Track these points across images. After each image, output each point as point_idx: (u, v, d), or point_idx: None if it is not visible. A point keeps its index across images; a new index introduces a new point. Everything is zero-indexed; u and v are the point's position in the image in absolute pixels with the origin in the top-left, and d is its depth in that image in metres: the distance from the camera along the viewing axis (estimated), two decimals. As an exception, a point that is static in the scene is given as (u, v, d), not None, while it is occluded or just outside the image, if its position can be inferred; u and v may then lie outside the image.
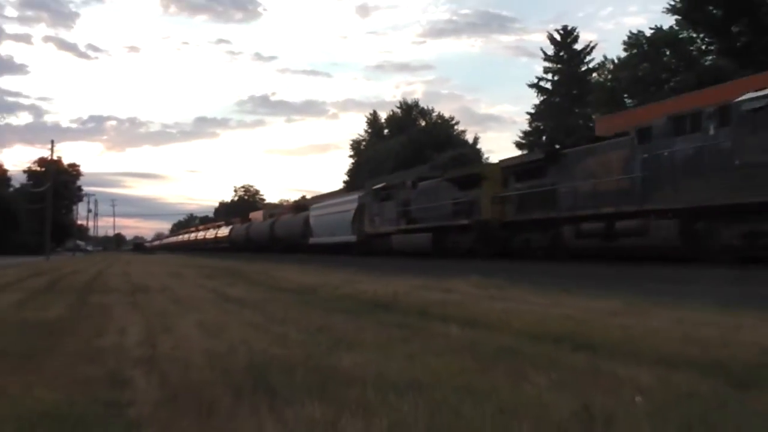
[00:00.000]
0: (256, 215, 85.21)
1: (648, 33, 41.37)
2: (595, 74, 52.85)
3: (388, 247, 32.60)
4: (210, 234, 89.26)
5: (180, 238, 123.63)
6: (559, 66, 55.42)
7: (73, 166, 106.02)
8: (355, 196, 40.71)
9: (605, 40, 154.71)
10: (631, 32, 44.71)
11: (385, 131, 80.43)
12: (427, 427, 3.15)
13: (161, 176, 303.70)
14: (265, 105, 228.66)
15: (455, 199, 27.30)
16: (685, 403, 3.61)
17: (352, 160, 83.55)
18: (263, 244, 58.68)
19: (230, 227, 79.86)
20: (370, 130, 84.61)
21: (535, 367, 4.55)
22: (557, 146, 28.49)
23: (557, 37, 56.04)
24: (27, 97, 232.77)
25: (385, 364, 4.77)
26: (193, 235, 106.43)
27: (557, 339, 5.81)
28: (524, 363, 4.73)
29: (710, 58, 41.05)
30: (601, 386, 3.99)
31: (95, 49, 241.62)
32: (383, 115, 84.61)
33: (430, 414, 3.39)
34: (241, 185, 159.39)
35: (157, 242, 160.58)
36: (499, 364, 4.76)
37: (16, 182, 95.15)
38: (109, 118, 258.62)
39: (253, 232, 66.21)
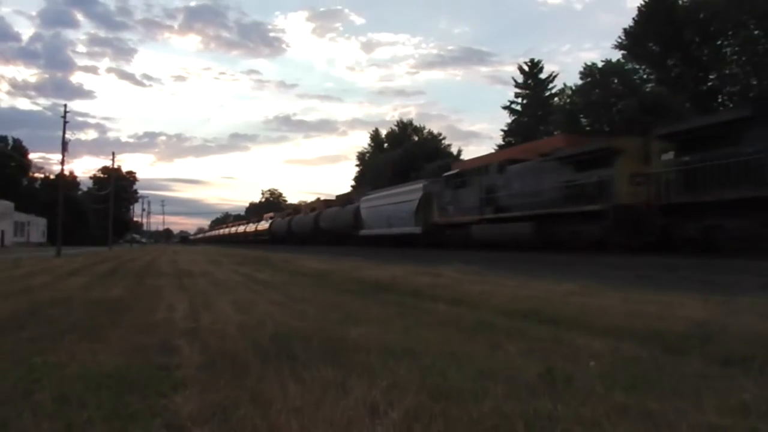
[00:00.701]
0: (269, 215, 79.42)
1: (600, 65, 41.33)
2: (556, 98, 52.65)
3: (465, 239, 24.20)
4: (250, 228, 79.28)
5: (221, 231, 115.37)
6: (527, 92, 55.24)
7: (131, 173, 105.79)
8: (419, 184, 31.04)
9: (565, 71, 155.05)
10: (585, 64, 44.64)
11: (385, 145, 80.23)
12: (419, 386, 3.14)
13: (202, 181, 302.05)
14: (288, 124, 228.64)
15: (570, 181, 18.98)
16: (630, 366, 3.61)
17: (357, 169, 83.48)
18: (307, 237, 50.08)
19: (270, 221, 69.75)
20: (372, 144, 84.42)
21: (507, 337, 4.54)
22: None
23: (526, 68, 55.92)
24: (93, 117, 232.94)
25: (385, 335, 4.76)
26: (233, 229, 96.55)
27: (526, 315, 5.81)
28: (499, 334, 4.73)
29: (650, 85, 40.96)
30: (562, 353, 3.98)
31: (149, 78, 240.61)
32: (384, 132, 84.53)
33: (421, 376, 3.38)
34: (268, 189, 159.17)
35: (200, 235, 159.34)
36: (478, 335, 4.75)
37: (84, 186, 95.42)
38: (160, 134, 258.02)
39: (296, 225, 56.14)
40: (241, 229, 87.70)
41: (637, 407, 2.78)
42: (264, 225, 70.30)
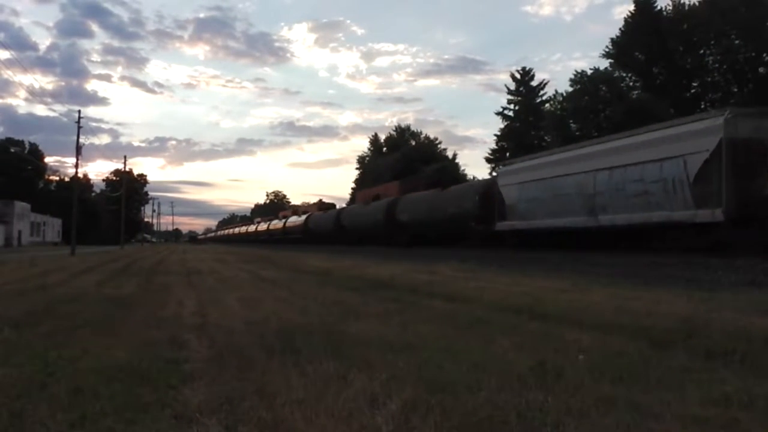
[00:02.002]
0: (258, 220, 72.96)
1: (588, 72, 41.38)
2: (547, 105, 52.60)
3: None
4: (275, 225, 64.01)
5: (235, 230, 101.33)
6: (519, 98, 55.17)
7: (142, 176, 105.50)
8: (710, 121, 13.49)
9: (555, 79, 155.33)
10: (576, 71, 44.75)
11: (384, 149, 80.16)
12: (416, 379, 3.14)
13: (210, 184, 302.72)
14: (292, 129, 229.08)
15: None
16: (617, 360, 3.60)
17: (358, 172, 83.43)
18: (370, 235, 33.57)
19: (306, 215, 53.76)
20: (372, 149, 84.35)
21: (501, 332, 4.54)
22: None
23: (518, 76, 55.85)
24: (107, 123, 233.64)
25: (384, 330, 4.76)
26: (253, 227, 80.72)
27: (518, 310, 5.79)
28: (493, 329, 4.72)
29: (636, 92, 41.01)
30: (553, 347, 3.98)
31: (160, 85, 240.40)
32: (383, 137, 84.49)
33: (419, 369, 3.38)
34: (272, 191, 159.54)
35: (211, 234, 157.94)
36: (473, 330, 4.74)
37: (98, 188, 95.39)
38: (170, 139, 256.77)
39: (349, 220, 39.07)
40: (263, 227, 71.92)
41: (624, 399, 2.78)
42: (296, 221, 54.95)
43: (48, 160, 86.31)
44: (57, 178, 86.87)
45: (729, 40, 38.10)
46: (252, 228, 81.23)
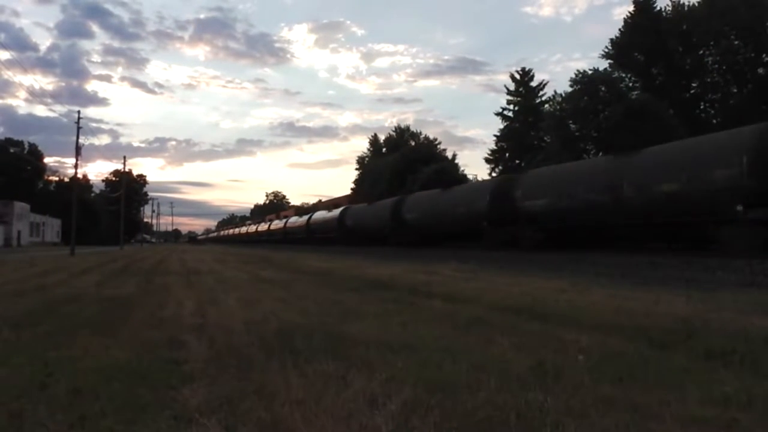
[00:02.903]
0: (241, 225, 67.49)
1: (588, 72, 41.35)
2: (546, 105, 52.49)
3: None
4: (293, 223, 53.75)
5: (242, 230, 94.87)
6: (518, 99, 55.09)
7: (141, 176, 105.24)
8: None
9: (555, 79, 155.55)
10: (578, 71, 44.75)
11: (384, 149, 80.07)
12: (416, 379, 3.13)
13: (209, 184, 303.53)
14: (291, 130, 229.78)
15: None
16: (616, 360, 3.60)
17: (357, 173, 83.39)
18: (456, 233, 24.51)
19: (340, 209, 43.30)
20: (372, 149, 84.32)
21: (500, 332, 4.53)
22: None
23: (517, 76, 55.74)
24: (107, 123, 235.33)
25: (383, 331, 4.75)
26: (264, 226, 71.78)
27: (517, 311, 5.79)
28: (492, 329, 4.72)
29: (635, 93, 40.99)
30: (552, 347, 3.97)
31: (160, 86, 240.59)
32: (383, 137, 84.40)
33: (418, 369, 3.38)
34: (272, 191, 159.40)
35: (212, 235, 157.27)
36: (473, 331, 4.74)
37: (97, 189, 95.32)
38: (170, 140, 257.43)
39: (417, 212, 28.43)
40: (277, 225, 62.55)
41: (623, 399, 2.78)
42: (324, 216, 45.11)
43: (48, 160, 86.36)
44: (56, 179, 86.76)
45: (728, 41, 38.08)
46: (264, 227, 71.05)
